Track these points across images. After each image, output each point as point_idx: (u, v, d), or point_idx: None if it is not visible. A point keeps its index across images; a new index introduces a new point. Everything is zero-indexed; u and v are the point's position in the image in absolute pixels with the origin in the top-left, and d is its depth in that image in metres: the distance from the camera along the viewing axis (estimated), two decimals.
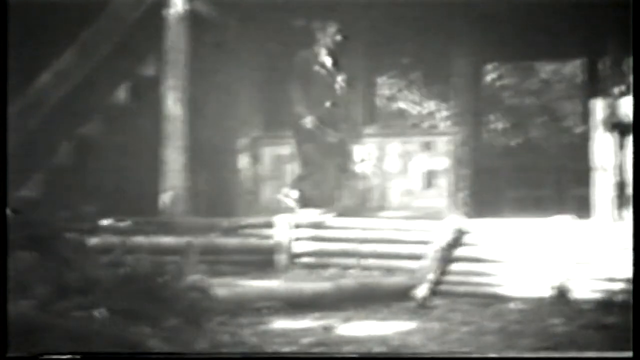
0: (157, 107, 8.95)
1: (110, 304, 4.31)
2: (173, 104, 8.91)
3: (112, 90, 10.11)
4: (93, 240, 6.34)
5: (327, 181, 8.74)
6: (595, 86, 10.10)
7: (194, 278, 5.70)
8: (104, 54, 9.21)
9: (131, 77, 10.24)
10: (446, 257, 7.15)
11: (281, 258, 7.88)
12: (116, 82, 10.14)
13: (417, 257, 7.25)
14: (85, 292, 4.26)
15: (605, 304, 6.34)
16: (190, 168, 8.80)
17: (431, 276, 6.98)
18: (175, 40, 9.00)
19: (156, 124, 8.88)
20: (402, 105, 16.50)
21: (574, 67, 15.81)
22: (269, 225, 8.07)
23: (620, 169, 7.64)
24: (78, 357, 3.82)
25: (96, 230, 7.37)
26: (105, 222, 7.93)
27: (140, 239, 7.35)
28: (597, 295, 6.47)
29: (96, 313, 4.07)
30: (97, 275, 4.47)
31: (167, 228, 7.98)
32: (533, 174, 10.02)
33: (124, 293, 4.57)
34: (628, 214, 7.46)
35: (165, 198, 8.63)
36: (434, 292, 6.84)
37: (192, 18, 9.04)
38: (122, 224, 7.94)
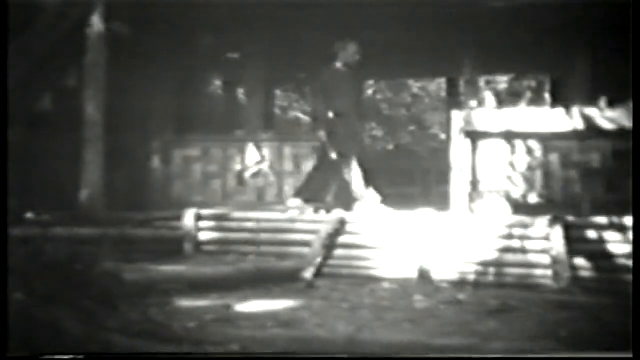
0: (78, 114, 8.75)
1: (30, 289, 4.18)
2: (93, 111, 8.72)
3: (37, 99, 9.83)
4: (14, 231, 6.11)
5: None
6: (454, 100, 10.37)
7: (108, 265, 5.58)
8: (30, 65, 8.94)
9: (55, 87, 9.98)
10: (330, 244, 7.22)
11: (188, 246, 7.79)
12: (41, 91, 9.87)
13: (306, 245, 7.30)
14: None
15: (460, 283, 6.53)
16: (107, 167, 8.63)
17: (317, 260, 7.02)
18: (95, 55, 8.82)
19: (77, 128, 8.68)
20: (296, 114, 16.57)
21: (438, 84, 16.24)
22: (178, 218, 7.98)
23: (474, 169, 7.88)
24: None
25: (18, 222, 7.13)
26: (28, 215, 7.72)
27: (60, 230, 7.16)
28: (453, 276, 6.65)
29: (15, 296, 3.92)
30: (17, 263, 4.31)
31: (85, 221, 7.79)
32: (405, 174, 10.19)
33: (43, 279, 4.43)
34: (479, 207, 7.70)
35: (84, 194, 8.44)
36: (319, 274, 6.90)
37: (110, 36, 8.88)
38: (43, 217, 7.73)
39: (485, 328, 4.80)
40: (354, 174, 8.17)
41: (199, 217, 7.96)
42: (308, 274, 6.83)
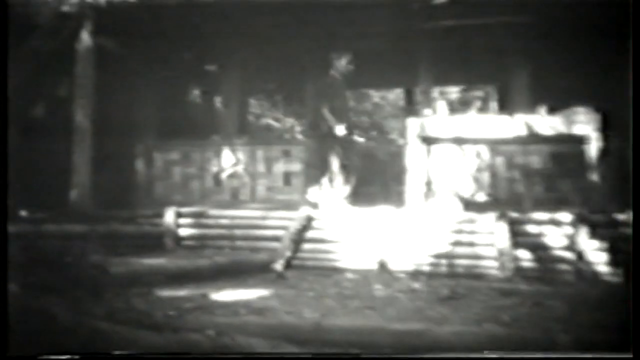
0: (68, 120, 8.68)
1: (24, 280, 4.16)
2: (82, 118, 8.69)
3: (31, 106, 9.72)
4: (11, 229, 6.04)
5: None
6: (411, 109, 10.43)
7: (95, 258, 5.56)
8: (25, 76, 8.83)
9: (48, 95, 9.88)
10: (299, 239, 7.23)
11: (169, 241, 7.75)
12: (35, 99, 9.76)
13: (276, 239, 7.30)
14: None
15: (415, 273, 6.58)
16: (95, 169, 8.57)
17: (287, 254, 7.04)
18: (84, 66, 8.78)
19: (67, 133, 8.62)
20: (268, 121, 16.53)
21: (396, 94, 16.30)
22: (159, 215, 7.94)
23: (428, 171, 7.94)
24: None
25: (13, 220, 7.05)
26: (22, 213, 7.63)
27: (51, 227, 7.09)
28: (409, 267, 6.70)
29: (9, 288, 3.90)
30: (12, 257, 4.28)
31: (75, 218, 7.72)
32: (366, 175, 10.22)
33: (35, 271, 4.41)
34: (433, 205, 7.76)
35: (74, 193, 8.37)
36: (288, 266, 6.91)
37: (99, 50, 8.83)
38: (36, 215, 7.65)
39: (436, 314, 4.87)
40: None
41: (178, 215, 7.93)
42: (278, 266, 6.85)
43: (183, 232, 7.86)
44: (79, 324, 4.07)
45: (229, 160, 9.21)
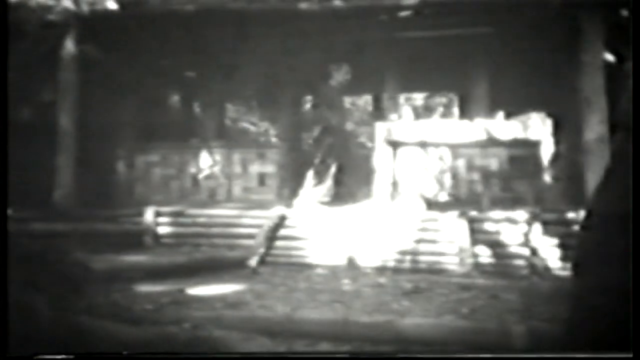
0: (53, 124, 8.58)
1: (9, 277, 4.08)
2: (66, 122, 8.62)
3: (18, 110, 9.56)
4: None
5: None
6: (378, 114, 10.45)
7: (77, 255, 5.49)
8: (11, 81, 8.69)
9: (34, 100, 9.74)
10: (272, 237, 7.23)
11: (148, 239, 7.72)
12: (22, 103, 9.61)
13: (251, 237, 7.29)
14: None
15: (381, 268, 6.61)
16: (78, 170, 8.47)
17: (261, 250, 7.03)
18: (69, 73, 8.71)
19: (52, 136, 8.51)
20: (244, 124, 16.45)
21: (365, 100, 16.33)
22: (139, 214, 7.88)
23: (394, 172, 7.97)
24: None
25: None
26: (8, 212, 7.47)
27: (36, 225, 6.99)
28: (375, 263, 6.73)
29: None
30: None
31: (58, 217, 7.63)
32: (338, 176, 10.22)
33: (19, 267, 4.33)
34: (398, 204, 7.80)
35: (58, 193, 8.27)
36: (262, 262, 6.90)
37: (82, 57, 8.73)
38: (21, 214, 7.52)
39: (400, 307, 4.89)
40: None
41: (158, 214, 7.88)
42: (253, 262, 6.84)
43: (162, 230, 7.82)
44: (61, 318, 4.02)
45: (207, 162, 9.16)
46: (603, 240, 3.08)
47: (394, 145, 8.05)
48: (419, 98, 17.38)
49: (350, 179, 9.53)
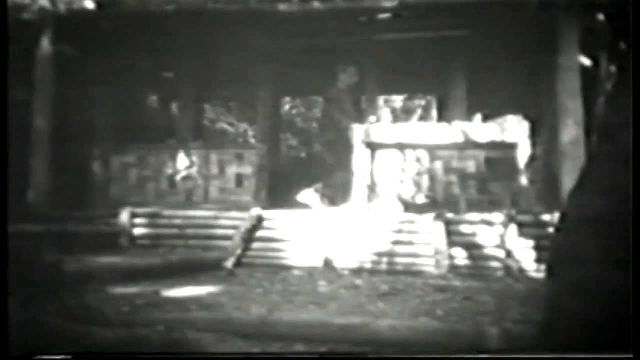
0: (27, 124, 8.45)
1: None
2: (40, 121, 8.50)
3: None
4: None
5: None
6: (357, 115, 10.44)
7: (50, 257, 5.41)
8: None
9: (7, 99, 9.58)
10: (248, 238, 7.19)
11: (123, 240, 7.65)
12: None
13: (227, 238, 7.25)
14: None
15: (357, 270, 6.60)
16: (53, 171, 8.37)
17: (237, 252, 6.99)
18: (44, 72, 8.59)
19: (26, 136, 8.39)
20: (222, 125, 16.38)
21: None
22: (115, 215, 7.81)
23: (371, 174, 7.97)
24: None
25: None
26: None
27: (8, 227, 6.87)
28: (352, 264, 6.72)
29: None
30: None
31: (32, 218, 7.51)
32: (315, 178, 10.21)
33: None
34: (376, 206, 7.80)
35: (31, 194, 8.16)
36: (239, 264, 6.86)
37: (58, 56, 8.63)
38: None
39: (376, 308, 4.89)
40: None
41: (133, 215, 7.82)
42: (229, 263, 6.80)
43: (137, 231, 7.75)
44: (33, 320, 3.95)
45: (184, 163, 9.09)
46: (577, 242, 3.09)
47: (372, 147, 8.05)
48: (397, 100, 17.42)
49: (328, 181, 9.52)
